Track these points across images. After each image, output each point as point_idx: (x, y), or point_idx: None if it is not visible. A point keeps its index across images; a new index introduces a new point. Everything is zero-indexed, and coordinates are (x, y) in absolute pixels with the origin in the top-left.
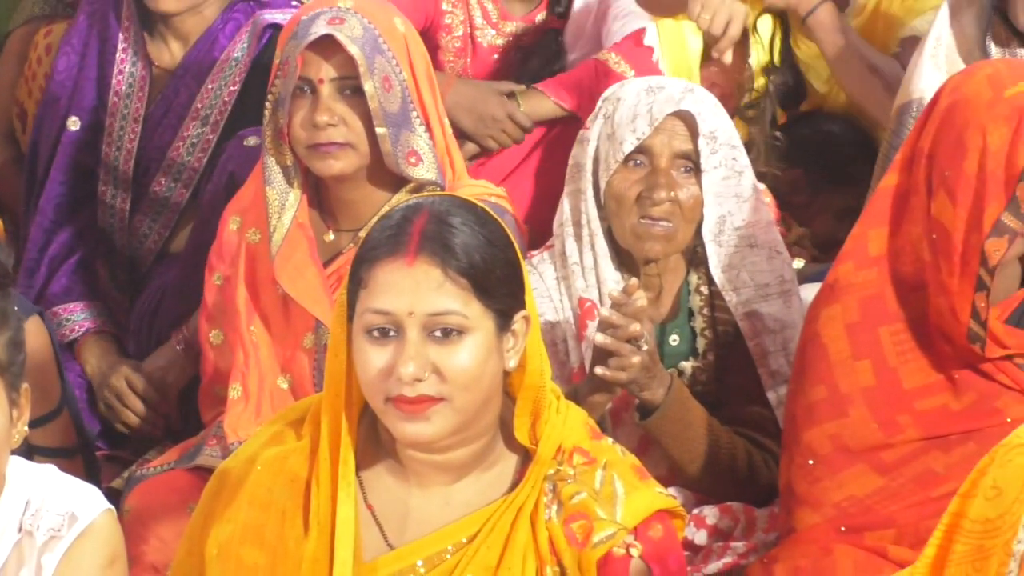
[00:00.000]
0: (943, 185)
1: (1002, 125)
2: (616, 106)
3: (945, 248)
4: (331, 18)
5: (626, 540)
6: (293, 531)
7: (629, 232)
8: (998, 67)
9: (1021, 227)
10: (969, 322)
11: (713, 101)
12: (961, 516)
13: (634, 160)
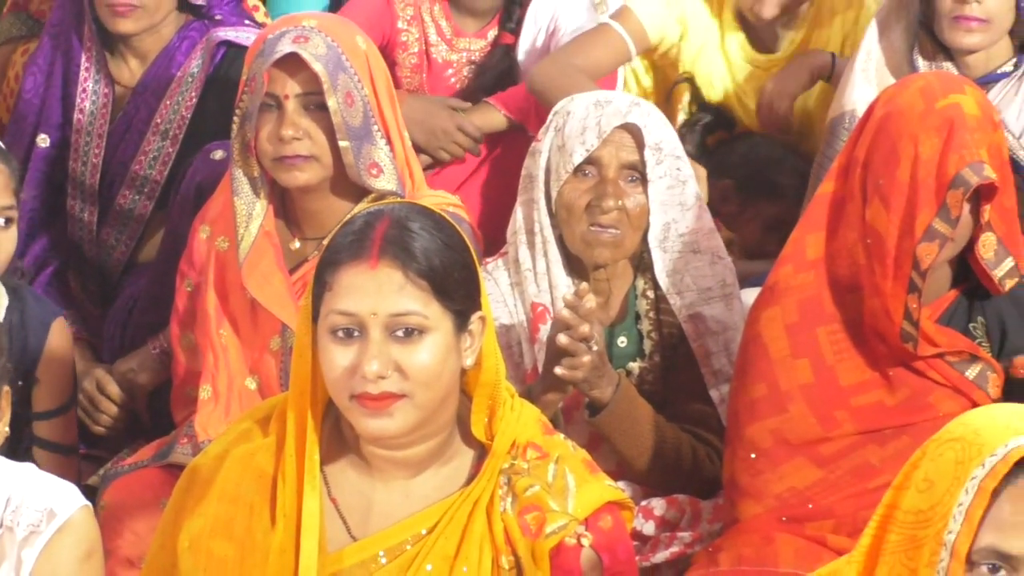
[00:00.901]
0: (877, 192)
1: (933, 135)
2: (566, 119)
3: (879, 252)
4: (296, 36)
5: (577, 531)
6: (261, 524)
7: (579, 239)
8: (930, 80)
9: (951, 233)
10: (902, 322)
11: (658, 114)
12: (894, 507)
13: (583, 171)
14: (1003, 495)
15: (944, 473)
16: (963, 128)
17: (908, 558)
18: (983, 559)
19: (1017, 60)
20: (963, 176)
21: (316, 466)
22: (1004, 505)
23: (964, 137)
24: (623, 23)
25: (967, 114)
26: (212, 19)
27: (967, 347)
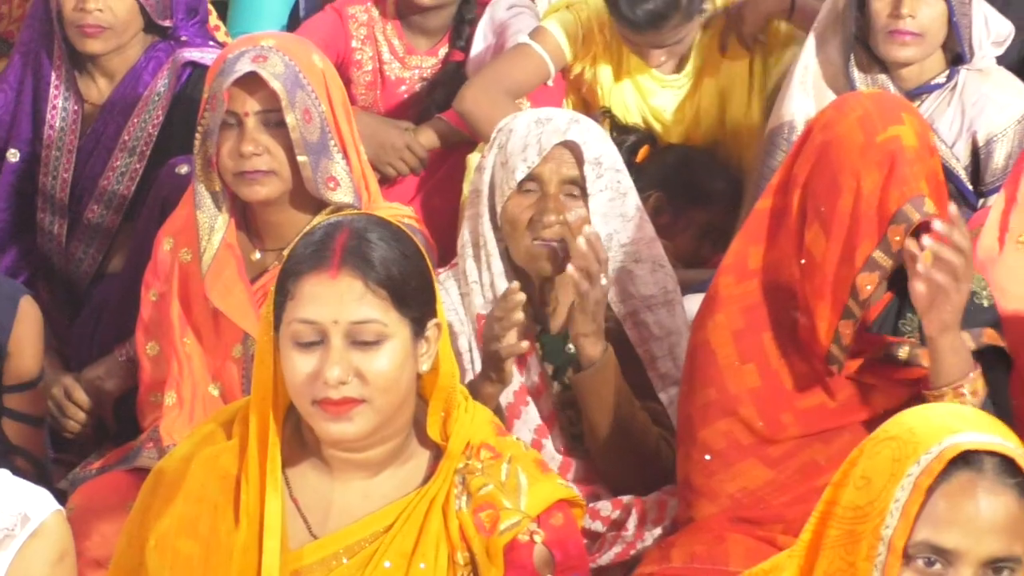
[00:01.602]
0: (818, 218)
1: (874, 170)
2: (509, 137)
3: (813, 275)
4: (255, 56)
5: (530, 527)
6: (225, 523)
7: (524, 253)
8: (867, 108)
9: (892, 265)
10: (830, 346)
11: (597, 129)
12: (834, 503)
13: (525, 187)
14: (938, 492)
15: (881, 470)
16: (903, 162)
17: (847, 552)
18: (919, 553)
19: (949, 72)
20: (904, 212)
21: (278, 468)
22: (939, 501)
23: (904, 171)
24: (541, 42)
25: (906, 147)
26: (178, 40)
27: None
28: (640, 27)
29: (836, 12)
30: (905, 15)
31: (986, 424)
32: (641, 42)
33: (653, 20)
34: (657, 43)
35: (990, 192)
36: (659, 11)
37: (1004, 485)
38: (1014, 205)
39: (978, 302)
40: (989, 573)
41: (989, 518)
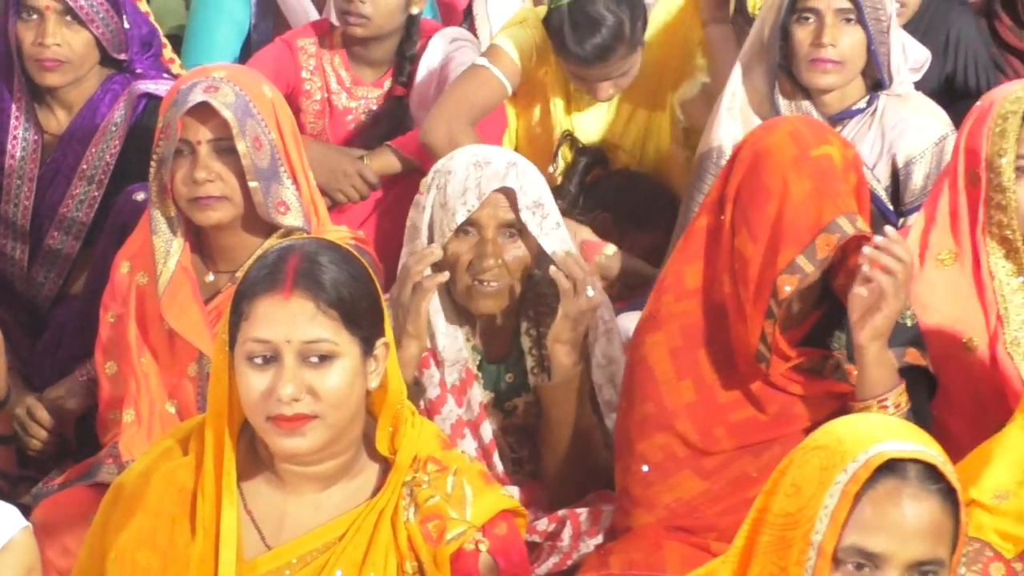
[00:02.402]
0: (745, 223)
1: (805, 179)
2: (448, 179)
3: (743, 278)
4: (207, 87)
5: (475, 537)
6: (182, 536)
7: (464, 293)
8: (798, 125)
9: (814, 272)
10: (758, 345)
11: (533, 173)
12: (765, 511)
13: (464, 230)
14: (864, 498)
15: (810, 478)
16: (835, 177)
17: (779, 557)
18: (848, 557)
19: (870, 98)
20: (839, 223)
21: (233, 481)
22: (866, 507)
23: (837, 186)
24: (495, 61)
25: (837, 164)
26: (133, 72)
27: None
28: (589, 62)
29: (761, 42)
30: (826, 44)
31: (909, 433)
32: (590, 76)
33: (601, 54)
34: (605, 76)
35: (910, 211)
36: (606, 44)
37: (928, 491)
38: (933, 224)
39: (902, 322)
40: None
41: (914, 523)
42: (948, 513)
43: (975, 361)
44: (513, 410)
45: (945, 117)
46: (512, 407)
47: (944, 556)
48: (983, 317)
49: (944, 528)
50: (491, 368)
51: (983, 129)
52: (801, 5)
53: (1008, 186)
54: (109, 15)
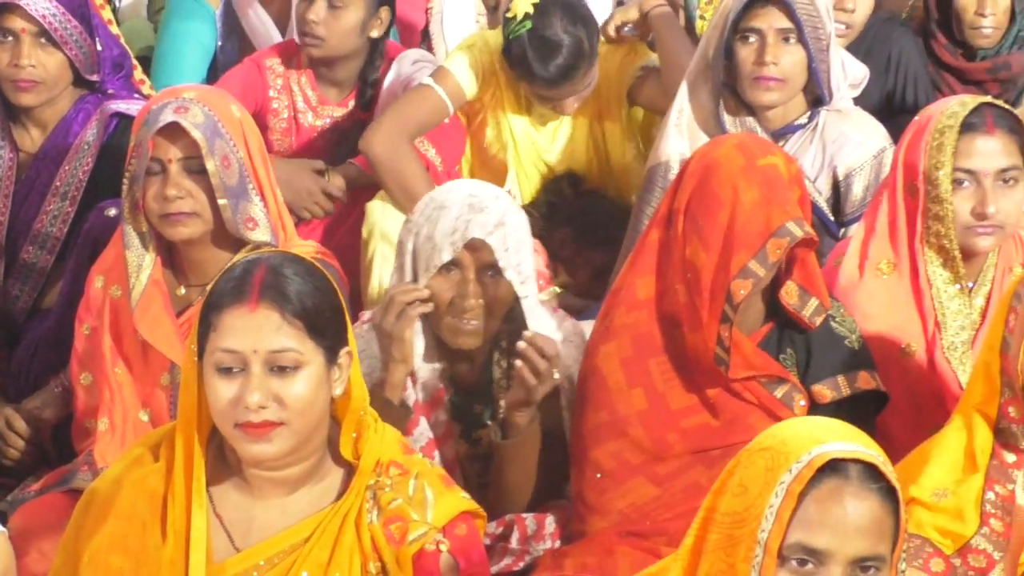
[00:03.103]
0: (696, 233)
1: (754, 187)
2: (440, 214)
3: (697, 286)
4: (177, 107)
5: (436, 538)
6: (153, 539)
7: (445, 329)
8: (743, 139)
9: (766, 275)
10: (716, 348)
11: (521, 231)
12: (713, 510)
13: (448, 268)
14: (808, 497)
15: (756, 479)
16: (781, 185)
17: (727, 555)
18: (792, 554)
19: (811, 113)
20: (788, 228)
21: (202, 486)
22: (809, 506)
23: (785, 194)
24: (440, 82)
25: (783, 174)
26: (105, 93)
27: (777, 371)
28: (555, 83)
29: (706, 61)
30: (768, 62)
31: (851, 434)
32: (556, 96)
33: (566, 73)
34: (570, 93)
35: (850, 222)
36: (569, 63)
37: (868, 490)
38: (873, 235)
39: (849, 346)
40: (857, 572)
41: (855, 520)
42: (888, 511)
43: (914, 366)
44: (480, 440)
45: (883, 131)
46: (479, 437)
47: (885, 552)
48: (921, 324)
49: (885, 525)
50: (461, 398)
51: (921, 143)
52: (743, 26)
53: (945, 197)
54: (82, 38)
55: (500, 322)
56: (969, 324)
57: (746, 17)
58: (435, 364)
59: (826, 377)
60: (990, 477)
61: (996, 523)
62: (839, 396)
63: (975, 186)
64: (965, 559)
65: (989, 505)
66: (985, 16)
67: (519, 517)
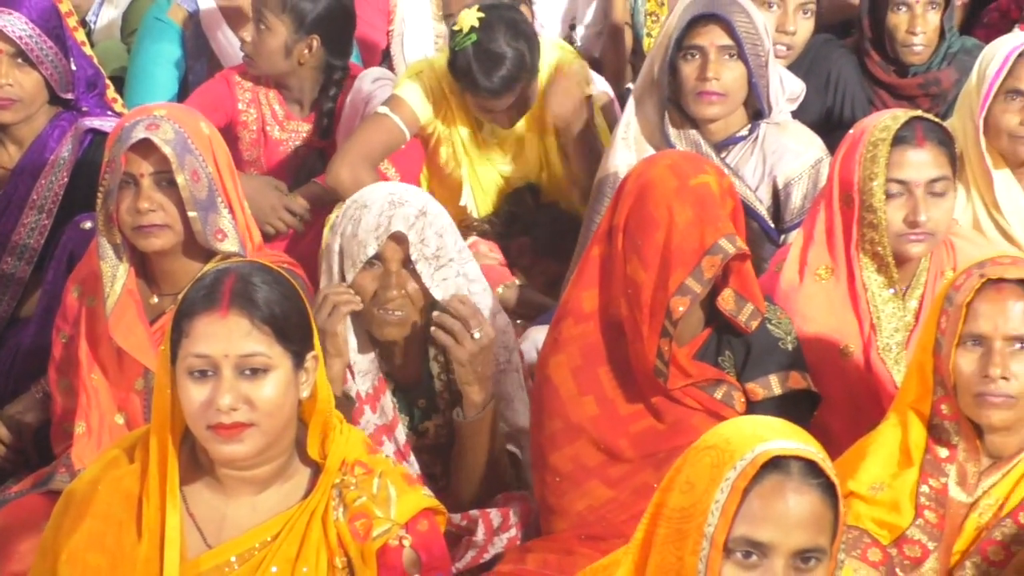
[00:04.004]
0: (636, 252)
1: (687, 207)
2: (362, 213)
3: (637, 302)
4: (148, 124)
5: (399, 533)
6: (129, 538)
7: (369, 321)
8: (675, 159)
9: (702, 291)
10: (656, 361)
11: (441, 222)
12: (662, 506)
13: (370, 262)
14: (752, 493)
15: (702, 475)
16: (713, 204)
17: (676, 548)
18: (738, 547)
19: (751, 126)
20: (721, 245)
21: (176, 486)
22: (753, 501)
23: (716, 211)
24: (395, 110)
25: (714, 192)
26: (79, 110)
27: (713, 374)
28: (498, 94)
29: (651, 77)
30: (710, 78)
31: (792, 433)
32: (499, 107)
33: (508, 84)
34: (509, 105)
35: (790, 229)
36: (512, 74)
37: (809, 485)
38: (811, 242)
39: (783, 347)
40: (799, 563)
41: (797, 514)
42: (828, 505)
43: (851, 366)
44: (425, 432)
45: (820, 142)
46: (424, 429)
47: (825, 544)
48: (857, 326)
49: (825, 519)
50: (403, 394)
51: (855, 156)
52: (687, 43)
53: (878, 207)
54: (57, 58)
55: (424, 316)
56: (903, 326)
57: (689, 35)
58: (371, 354)
59: (760, 376)
60: (924, 471)
61: (930, 515)
62: (771, 395)
63: (907, 196)
64: (901, 549)
65: (923, 498)
66: (916, 35)
67: (484, 512)
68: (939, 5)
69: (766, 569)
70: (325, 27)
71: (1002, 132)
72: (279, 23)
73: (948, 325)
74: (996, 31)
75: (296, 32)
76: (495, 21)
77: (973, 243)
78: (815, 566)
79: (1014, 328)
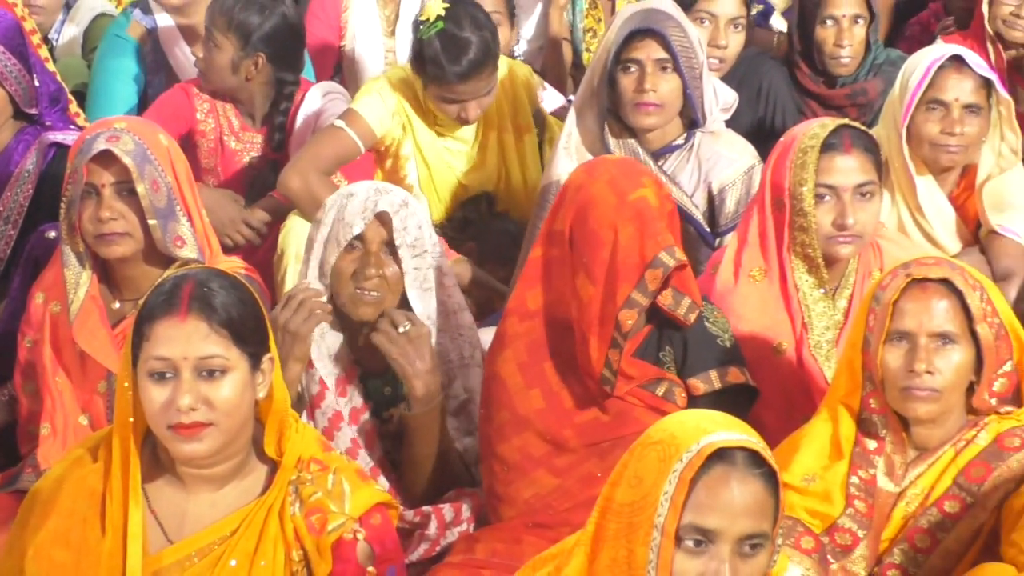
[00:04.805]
0: (584, 269)
1: (628, 224)
2: (348, 200)
3: (585, 315)
4: (109, 136)
5: (353, 527)
6: (93, 534)
7: (347, 299)
8: (614, 172)
9: (647, 302)
10: (603, 370)
11: (421, 216)
12: (611, 500)
13: (352, 245)
14: (699, 483)
15: (650, 469)
16: (652, 218)
17: (627, 540)
18: (687, 535)
19: (687, 135)
20: (661, 259)
21: (138, 484)
22: (700, 491)
23: (655, 225)
24: (350, 124)
25: (653, 206)
26: (43, 125)
27: (654, 373)
28: (467, 76)
29: (591, 89)
30: (647, 90)
31: (734, 425)
32: (463, 95)
33: (476, 67)
34: (475, 93)
35: (724, 232)
36: (478, 59)
37: (752, 475)
38: (745, 245)
39: (721, 344)
40: (745, 548)
41: (742, 502)
42: (770, 493)
43: (784, 363)
44: (389, 419)
45: (752, 150)
46: (388, 416)
47: (768, 529)
48: (790, 324)
49: (767, 506)
50: (370, 381)
51: (786, 162)
52: (624, 57)
53: (809, 211)
54: (21, 74)
55: (398, 298)
56: (833, 324)
57: (626, 49)
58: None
59: (700, 372)
60: (854, 463)
61: (860, 504)
62: (711, 389)
63: (835, 200)
64: (832, 537)
65: (853, 488)
66: (843, 47)
67: (437, 508)
68: (865, 19)
69: (713, 555)
70: (271, 45)
71: (924, 140)
72: (226, 41)
73: (875, 323)
74: (918, 43)
75: (242, 49)
76: (459, 10)
77: (898, 245)
78: (758, 550)
79: (938, 325)
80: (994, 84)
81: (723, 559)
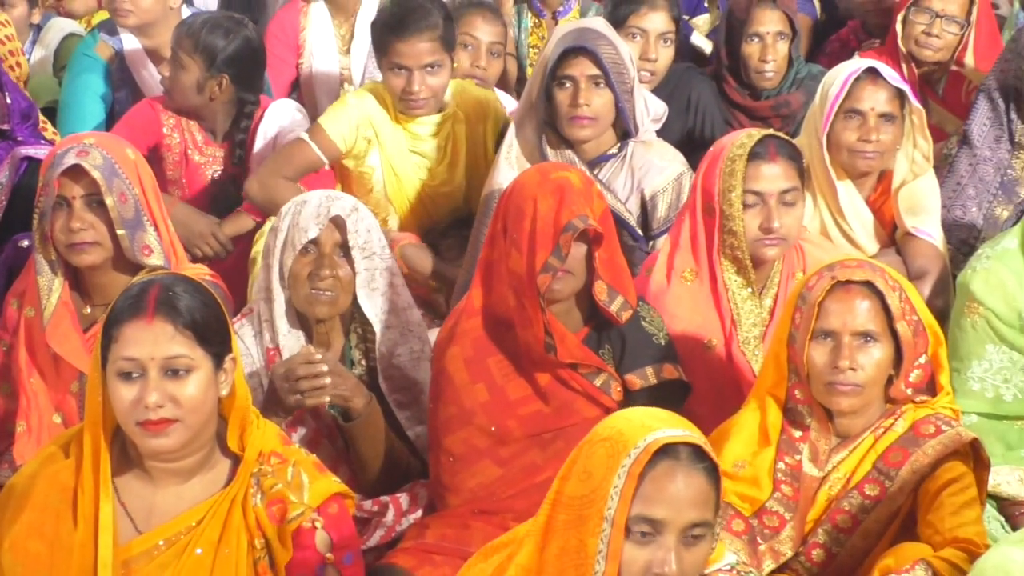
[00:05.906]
0: (512, 243)
1: (549, 197)
2: (302, 208)
3: (520, 288)
4: (78, 151)
5: (312, 516)
6: (66, 526)
7: (303, 300)
8: (544, 164)
9: (562, 266)
10: (544, 338)
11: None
12: (560, 494)
13: (307, 249)
14: (647, 477)
15: (600, 465)
16: (571, 192)
17: (577, 531)
18: (635, 526)
19: (620, 145)
20: (573, 223)
21: (108, 478)
22: (647, 484)
23: (573, 198)
24: (315, 138)
25: (574, 184)
26: (15, 139)
27: (596, 362)
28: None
29: (530, 103)
30: (581, 104)
31: (676, 422)
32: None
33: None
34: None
35: (657, 236)
36: (418, 16)
37: (696, 468)
38: (677, 248)
39: (656, 342)
40: (689, 537)
41: (687, 494)
42: (712, 485)
43: (714, 358)
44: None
45: (682, 158)
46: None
47: (711, 518)
48: (720, 322)
49: (710, 496)
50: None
51: (716, 170)
52: (560, 73)
53: (737, 215)
54: None
55: (351, 297)
56: (760, 322)
57: (561, 66)
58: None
59: (637, 368)
60: (780, 450)
61: (786, 488)
62: (647, 384)
63: (761, 205)
64: (761, 520)
65: (780, 473)
66: (767, 62)
67: (394, 497)
68: (787, 36)
69: (660, 544)
70: (235, 66)
71: (843, 147)
72: (192, 62)
73: (802, 321)
74: (837, 58)
75: (207, 71)
76: None
77: (821, 247)
78: (701, 540)
79: (860, 324)
80: (907, 95)
81: (669, 548)
